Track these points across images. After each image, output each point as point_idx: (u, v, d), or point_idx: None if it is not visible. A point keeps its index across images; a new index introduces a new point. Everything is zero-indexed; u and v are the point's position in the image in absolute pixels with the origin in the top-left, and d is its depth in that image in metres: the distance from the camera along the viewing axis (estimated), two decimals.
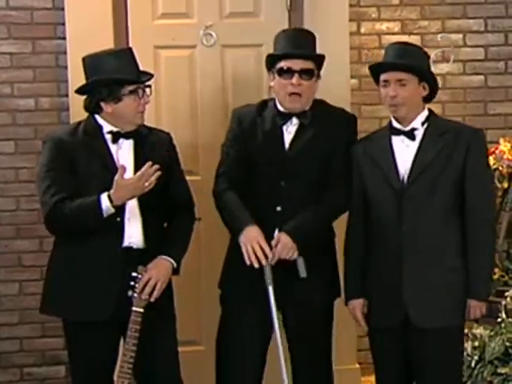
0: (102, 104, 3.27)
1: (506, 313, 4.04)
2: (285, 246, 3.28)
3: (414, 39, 4.53)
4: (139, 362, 3.22)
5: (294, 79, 3.35)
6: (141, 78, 3.28)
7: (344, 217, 3.45)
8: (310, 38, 3.46)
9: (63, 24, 4.24)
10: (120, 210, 3.22)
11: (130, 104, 3.26)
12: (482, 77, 4.59)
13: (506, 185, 4.40)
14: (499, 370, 3.85)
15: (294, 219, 3.32)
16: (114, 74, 3.23)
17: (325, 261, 3.44)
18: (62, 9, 4.23)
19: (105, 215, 3.18)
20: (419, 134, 3.28)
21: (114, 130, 3.30)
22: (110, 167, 3.25)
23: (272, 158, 3.40)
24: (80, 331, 3.27)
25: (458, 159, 3.23)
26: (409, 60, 3.24)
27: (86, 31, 4.17)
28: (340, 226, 3.48)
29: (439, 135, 3.26)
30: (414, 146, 3.27)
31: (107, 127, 3.30)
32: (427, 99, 3.35)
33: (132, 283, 3.21)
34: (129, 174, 3.24)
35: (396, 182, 3.25)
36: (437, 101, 4.46)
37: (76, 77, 4.19)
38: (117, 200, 3.17)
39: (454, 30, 4.56)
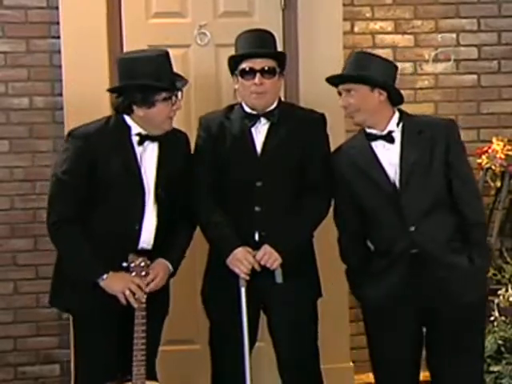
0: (134, 107, 3.28)
1: (498, 311, 4.06)
2: (270, 255, 3.35)
3: (408, 39, 4.55)
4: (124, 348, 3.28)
5: (257, 79, 3.39)
6: (175, 85, 3.29)
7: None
8: (269, 37, 3.49)
9: (57, 23, 4.23)
10: (140, 218, 3.28)
11: (163, 110, 3.28)
12: (475, 76, 4.60)
13: (498, 184, 4.42)
14: (492, 368, 3.87)
15: (279, 233, 3.37)
16: (150, 79, 3.23)
17: (305, 262, 3.48)
18: (57, 8, 4.23)
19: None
20: (397, 136, 3.31)
21: (143, 132, 3.31)
22: (133, 169, 3.28)
23: (244, 160, 3.43)
24: (88, 324, 3.30)
25: (440, 153, 3.27)
26: (358, 70, 3.29)
27: (80, 30, 4.17)
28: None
29: (417, 134, 3.30)
30: (394, 148, 3.31)
31: (135, 129, 3.31)
32: (396, 102, 3.36)
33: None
34: (150, 177, 3.29)
35: (388, 187, 3.27)
36: (430, 100, 4.53)
37: (70, 76, 4.22)
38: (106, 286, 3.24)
39: (448, 29, 4.57)
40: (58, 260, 3.39)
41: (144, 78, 3.24)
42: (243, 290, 3.35)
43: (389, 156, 3.30)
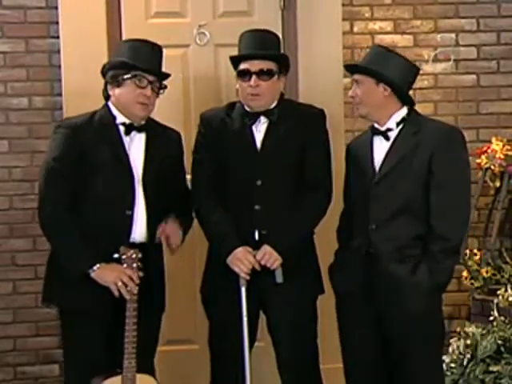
0: (108, 88, 3.31)
1: (497, 311, 4.06)
2: (271, 255, 3.35)
3: (407, 39, 4.54)
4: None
5: (252, 81, 3.38)
6: (145, 67, 3.27)
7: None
8: (271, 38, 3.47)
9: (57, 23, 4.23)
10: (130, 205, 3.27)
11: (130, 91, 3.28)
12: (474, 76, 4.60)
13: (497, 184, 4.42)
14: (491, 368, 3.86)
15: (279, 231, 3.37)
16: (127, 60, 3.27)
17: (306, 261, 3.47)
18: (56, 8, 4.23)
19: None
20: (394, 134, 3.31)
21: (127, 121, 3.32)
22: (121, 158, 3.28)
23: (244, 158, 3.43)
24: (77, 320, 3.28)
25: (424, 160, 3.21)
26: (368, 63, 3.30)
27: (80, 30, 4.18)
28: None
29: (411, 135, 3.28)
30: (388, 145, 3.31)
31: (120, 118, 3.33)
32: (406, 101, 3.36)
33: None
34: (138, 167, 3.29)
35: (369, 183, 3.28)
36: (429, 100, 4.53)
37: (69, 76, 4.22)
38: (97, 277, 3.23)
39: (447, 29, 4.57)
40: (51, 256, 3.38)
41: (122, 57, 3.30)
42: (243, 289, 3.35)
43: (381, 152, 3.31)
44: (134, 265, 3.25)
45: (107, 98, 3.37)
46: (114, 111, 3.33)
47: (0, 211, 4.33)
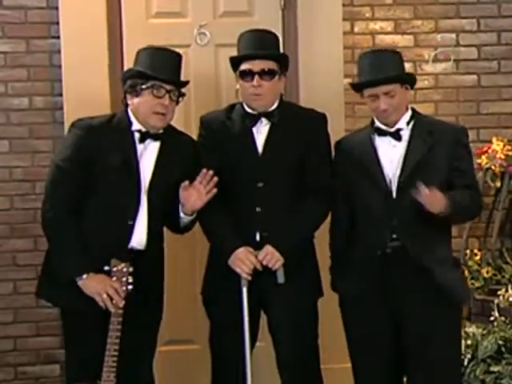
0: (127, 96, 3.30)
1: (498, 311, 4.06)
2: (272, 255, 3.35)
3: (407, 39, 4.54)
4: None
5: (255, 81, 3.38)
6: (163, 77, 3.24)
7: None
8: (271, 38, 3.47)
9: (57, 23, 4.24)
10: (134, 215, 3.25)
11: (148, 101, 3.24)
12: (475, 76, 4.60)
13: (498, 184, 4.41)
14: (492, 369, 3.86)
15: (280, 233, 3.37)
16: (145, 69, 3.25)
17: (306, 262, 3.48)
18: (56, 8, 4.24)
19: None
20: (406, 134, 3.30)
21: (143, 129, 3.30)
22: (131, 165, 3.26)
23: (245, 160, 3.42)
24: (76, 320, 3.28)
25: (446, 158, 3.24)
26: (388, 71, 3.26)
27: (80, 30, 4.18)
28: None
29: (427, 134, 3.28)
30: (401, 146, 3.29)
31: (136, 125, 3.30)
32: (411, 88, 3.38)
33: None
34: (147, 176, 3.27)
35: (383, 184, 3.26)
36: (430, 100, 4.54)
37: (70, 76, 4.22)
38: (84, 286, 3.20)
39: (448, 29, 4.57)
40: (48, 252, 3.36)
41: (140, 66, 3.28)
42: (245, 289, 3.34)
43: (392, 153, 3.29)
44: (124, 278, 3.21)
45: (126, 105, 3.34)
46: (132, 118, 3.31)
47: (1, 211, 4.33)
